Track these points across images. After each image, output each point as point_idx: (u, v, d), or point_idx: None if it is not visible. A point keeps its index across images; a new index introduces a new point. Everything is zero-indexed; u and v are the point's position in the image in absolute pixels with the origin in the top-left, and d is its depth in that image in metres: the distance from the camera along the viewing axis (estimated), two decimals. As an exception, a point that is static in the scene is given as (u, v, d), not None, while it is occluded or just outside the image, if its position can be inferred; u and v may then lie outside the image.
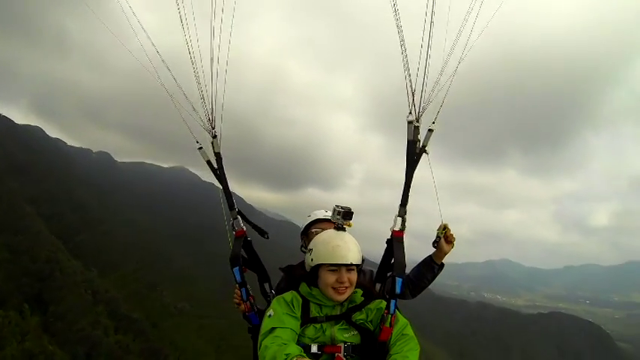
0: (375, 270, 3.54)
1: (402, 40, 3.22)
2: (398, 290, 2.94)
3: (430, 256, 3.57)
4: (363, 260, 2.96)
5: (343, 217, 2.99)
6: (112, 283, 61.28)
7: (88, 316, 48.23)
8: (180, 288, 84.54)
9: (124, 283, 64.70)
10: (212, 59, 3.59)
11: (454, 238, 3.49)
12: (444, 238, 3.46)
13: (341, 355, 2.73)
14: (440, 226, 3.46)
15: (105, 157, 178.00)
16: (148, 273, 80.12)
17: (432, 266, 3.57)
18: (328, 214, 3.73)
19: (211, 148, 3.71)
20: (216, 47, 3.50)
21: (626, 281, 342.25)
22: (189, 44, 3.60)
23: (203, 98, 3.68)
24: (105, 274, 63.56)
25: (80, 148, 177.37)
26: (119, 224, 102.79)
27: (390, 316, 2.79)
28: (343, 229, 2.99)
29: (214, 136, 3.70)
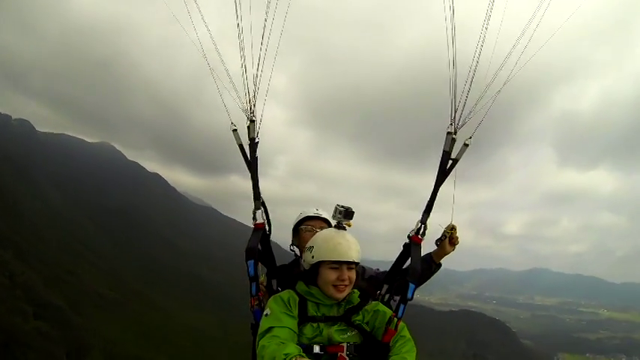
0: (365, 267, 3.60)
1: (454, 56, 3.24)
2: (409, 295, 3.04)
3: (430, 254, 3.56)
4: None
5: (344, 216, 2.99)
6: (29, 266, 56.42)
7: (5, 302, 44.07)
8: (101, 272, 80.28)
9: (42, 266, 59.69)
10: (263, 38, 3.44)
11: (458, 242, 3.49)
12: (448, 238, 3.45)
13: (344, 354, 2.75)
14: (448, 226, 3.46)
15: (25, 126, 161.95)
16: (68, 255, 75.23)
17: (430, 265, 3.55)
18: (319, 212, 3.74)
19: (246, 132, 3.57)
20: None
21: (531, 285, 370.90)
22: (240, 23, 3.46)
23: (246, 78, 3.51)
24: (21, 255, 58.31)
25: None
26: (37, 200, 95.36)
27: (396, 319, 2.87)
28: (344, 228, 3.00)
29: (252, 120, 3.55)
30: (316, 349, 2.74)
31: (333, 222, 3.08)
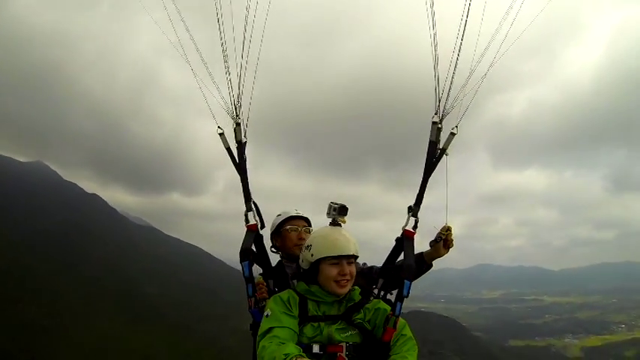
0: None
1: (435, 43, 3.22)
2: (405, 293, 2.99)
3: (422, 253, 3.45)
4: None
5: (339, 212, 2.98)
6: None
7: None
8: (43, 301, 75.09)
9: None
10: (244, 40, 3.36)
11: (453, 245, 3.39)
12: (443, 241, 3.36)
13: (343, 354, 2.72)
14: (444, 227, 3.35)
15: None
16: (6, 284, 69.86)
17: (421, 265, 3.44)
18: (300, 212, 3.73)
19: (233, 135, 3.53)
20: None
21: (476, 281, 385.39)
22: (221, 24, 3.42)
23: (230, 81, 3.47)
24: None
25: None
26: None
27: (394, 317, 2.83)
28: (339, 225, 3.00)
29: (238, 124, 3.52)
30: (315, 348, 2.72)
31: (328, 220, 3.04)
